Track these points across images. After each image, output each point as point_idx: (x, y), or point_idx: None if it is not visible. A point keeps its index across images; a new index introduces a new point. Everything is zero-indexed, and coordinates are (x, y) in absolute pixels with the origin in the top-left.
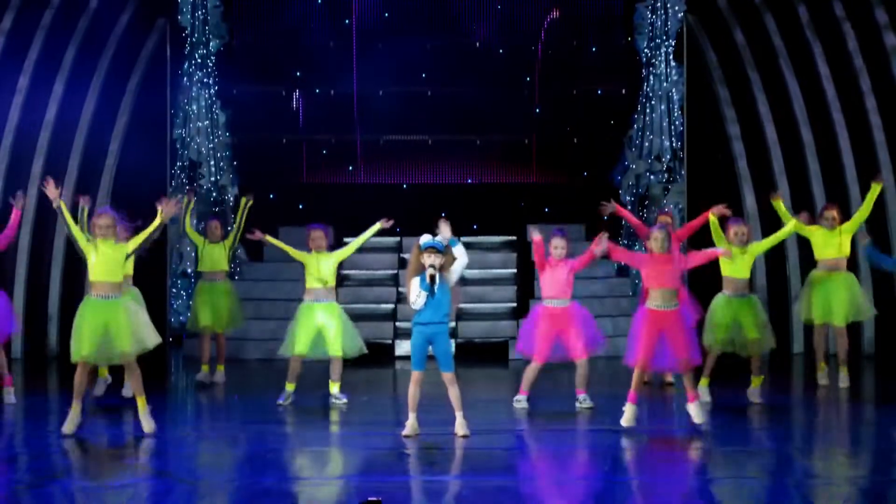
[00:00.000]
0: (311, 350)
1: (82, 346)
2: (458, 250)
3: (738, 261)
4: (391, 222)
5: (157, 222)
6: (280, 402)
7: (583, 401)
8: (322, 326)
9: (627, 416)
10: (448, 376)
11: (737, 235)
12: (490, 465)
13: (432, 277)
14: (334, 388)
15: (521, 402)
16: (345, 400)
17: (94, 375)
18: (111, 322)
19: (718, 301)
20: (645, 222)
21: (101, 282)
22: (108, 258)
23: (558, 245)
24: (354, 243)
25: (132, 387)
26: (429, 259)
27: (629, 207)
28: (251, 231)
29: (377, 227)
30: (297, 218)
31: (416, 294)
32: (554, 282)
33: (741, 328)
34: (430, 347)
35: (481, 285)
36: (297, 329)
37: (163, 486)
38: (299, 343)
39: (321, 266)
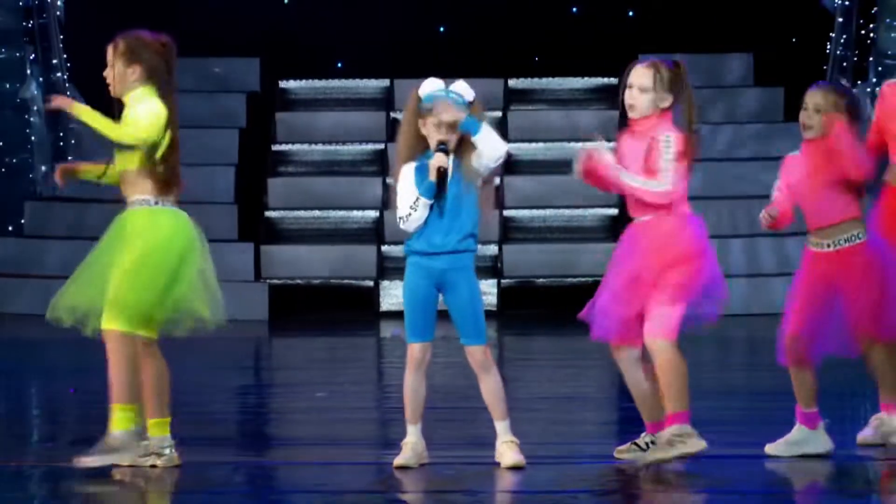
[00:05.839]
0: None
1: None
2: (483, 138)
3: None
4: None
5: None
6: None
7: (675, 439)
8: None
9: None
10: (476, 354)
11: None
12: None
13: (442, 172)
14: (158, 428)
15: (640, 446)
16: (165, 455)
17: None
18: None
19: None
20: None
21: None
22: None
23: (633, 79)
24: None
25: None
26: (438, 131)
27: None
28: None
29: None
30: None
31: (408, 201)
32: (631, 170)
33: None
34: (441, 298)
35: (548, 173)
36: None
37: None
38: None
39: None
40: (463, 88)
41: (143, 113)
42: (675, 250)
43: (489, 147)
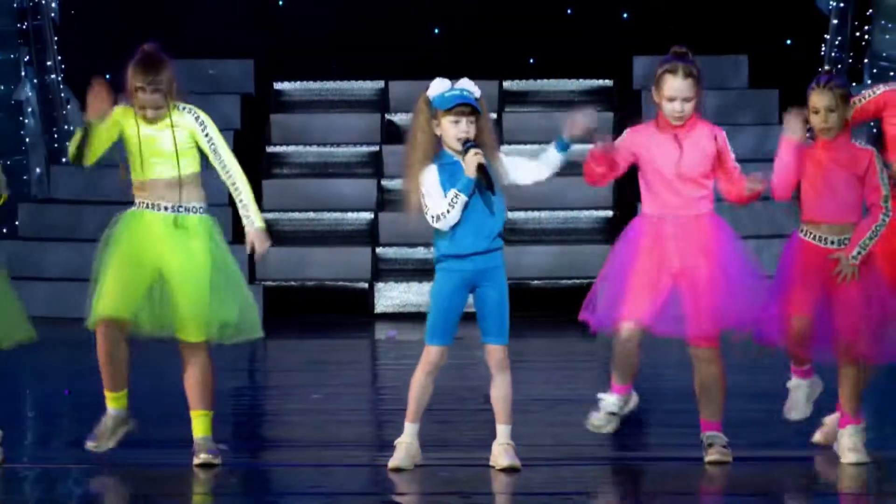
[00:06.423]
0: (139, 314)
1: None
2: (556, 161)
3: None
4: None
5: None
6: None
7: (710, 439)
8: (163, 260)
9: (793, 403)
10: (496, 354)
11: None
12: None
13: (483, 168)
14: (200, 429)
15: (610, 402)
16: (217, 458)
17: None
18: None
19: None
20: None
21: None
22: None
23: (677, 93)
24: (233, 171)
25: None
26: (456, 127)
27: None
28: None
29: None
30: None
31: (444, 199)
32: (672, 172)
33: None
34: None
35: None
36: (111, 265)
37: None
38: (112, 297)
39: (160, 135)
40: (470, 86)
41: (219, 136)
42: (724, 247)
43: (549, 171)
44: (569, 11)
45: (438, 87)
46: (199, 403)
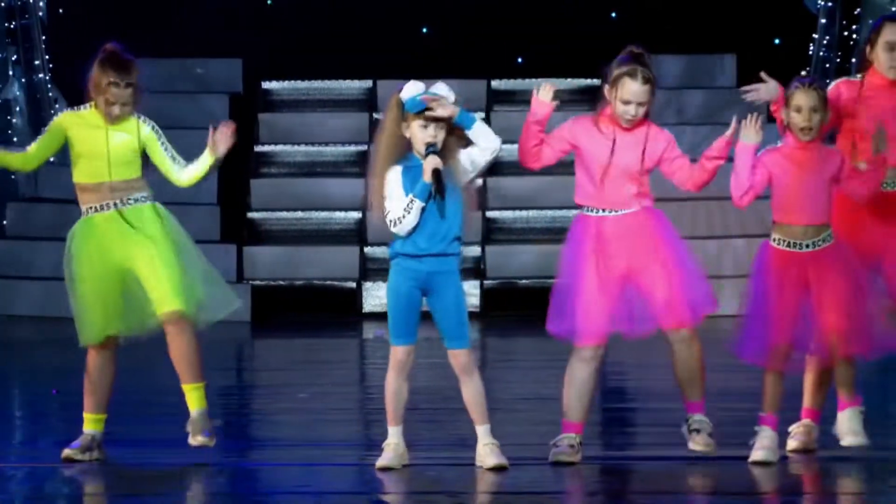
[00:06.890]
0: (125, 321)
1: None
2: (479, 132)
3: None
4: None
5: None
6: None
7: (696, 424)
8: (125, 258)
9: (763, 445)
10: (460, 358)
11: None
12: None
13: (438, 174)
14: (195, 403)
15: (570, 437)
16: (212, 440)
17: None
18: None
19: None
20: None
21: None
22: None
23: (633, 97)
24: (174, 165)
25: None
26: (424, 132)
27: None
28: None
29: (209, 161)
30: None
31: (401, 203)
32: (611, 172)
33: None
34: (425, 302)
35: (531, 174)
36: (83, 289)
37: None
38: (95, 323)
39: (112, 139)
40: (444, 90)
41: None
42: (667, 238)
43: (485, 140)
44: (557, 11)
45: (412, 89)
46: (188, 376)
